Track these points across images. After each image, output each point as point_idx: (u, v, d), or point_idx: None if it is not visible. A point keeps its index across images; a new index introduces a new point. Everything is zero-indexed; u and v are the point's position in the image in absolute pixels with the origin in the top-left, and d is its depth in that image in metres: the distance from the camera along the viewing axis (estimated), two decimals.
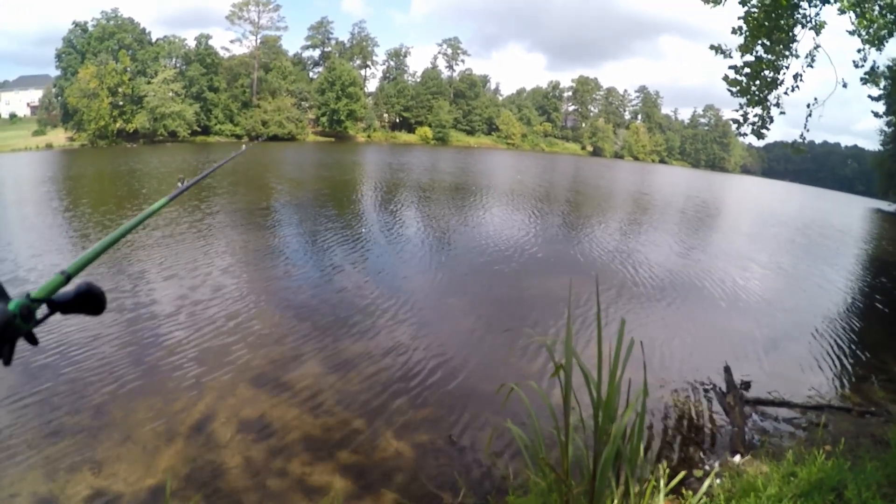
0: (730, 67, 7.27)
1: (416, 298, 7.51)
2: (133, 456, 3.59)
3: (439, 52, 73.26)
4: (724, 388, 5.24)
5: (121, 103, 44.87)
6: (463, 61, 74.46)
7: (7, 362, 0.51)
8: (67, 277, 0.68)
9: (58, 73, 46.40)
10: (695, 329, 7.22)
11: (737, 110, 7.50)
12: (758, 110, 7.37)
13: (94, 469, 3.43)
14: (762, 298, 9.20)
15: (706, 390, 5.27)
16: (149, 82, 46.14)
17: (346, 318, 6.56)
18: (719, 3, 7.21)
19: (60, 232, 10.99)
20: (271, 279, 8.15)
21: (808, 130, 7.19)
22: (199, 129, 48.44)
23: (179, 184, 1.79)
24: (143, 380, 4.76)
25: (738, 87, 7.29)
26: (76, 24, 46.89)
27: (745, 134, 7.66)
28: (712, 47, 7.28)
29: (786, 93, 7.10)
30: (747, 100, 7.32)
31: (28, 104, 55.10)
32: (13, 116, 53.54)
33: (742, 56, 7.11)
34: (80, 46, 45.66)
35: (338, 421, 4.29)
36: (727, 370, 5.47)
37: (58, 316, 0.60)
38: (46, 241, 10.12)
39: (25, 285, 7.11)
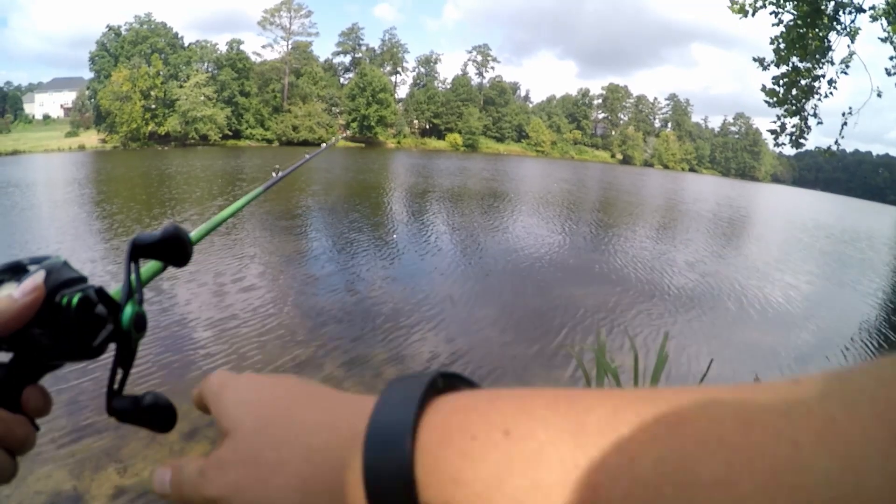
0: (773, 79, 7.38)
1: (442, 305, 7.27)
2: (159, 457, 3.51)
3: (469, 59, 72.56)
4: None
5: (153, 106, 44.70)
6: (493, 68, 73.48)
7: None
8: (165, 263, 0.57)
9: (91, 75, 46.63)
10: (724, 339, 6.98)
11: (774, 121, 7.61)
12: (795, 120, 7.50)
13: (120, 469, 3.36)
14: (794, 309, 8.81)
15: None
16: (181, 86, 45.91)
17: (371, 323, 6.38)
18: (747, 15, 7.13)
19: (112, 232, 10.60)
20: (297, 283, 7.89)
21: (843, 137, 7.27)
22: (230, 133, 48.10)
23: (274, 174, 1.38)
24: (168, 380, 4.57)
25: (776, 98, 7.40)
26: (110, 28, 47.05)
27: (784, 144, 7.78)
28: (755, 59, 7.39)
29: (820, 100, 7.24)
30: (785, 110, 7.45)
31: (61, 106, 55.63)
32: (47, 118, 54.01)
33: (778, 66, 7.24)
34: (114, 50, 45.73)
35: None
36: (757, 381, 4.50)
37: None
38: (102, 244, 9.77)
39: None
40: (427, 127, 66.76)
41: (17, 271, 0.39)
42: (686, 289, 9.21)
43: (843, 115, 6.98)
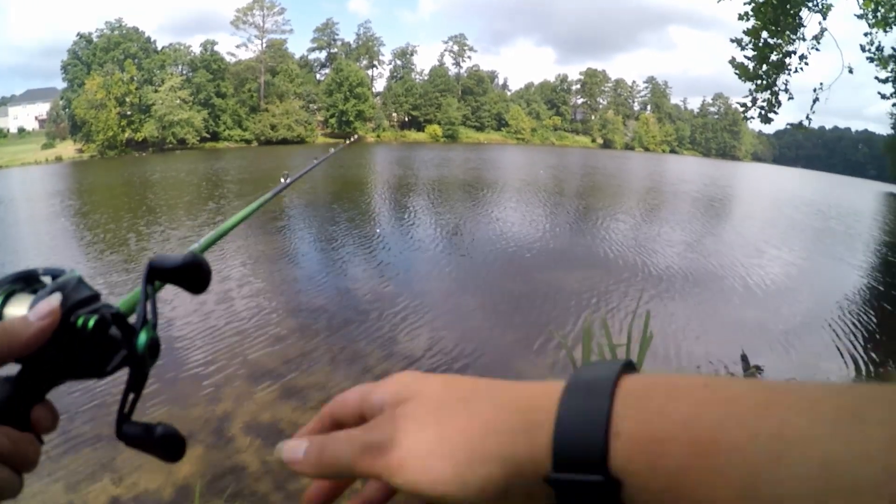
0: (746, 57, 7.41)
1: (429, 295, 7.32)
2: (154, 464, 3.41)
3: (446, 50, 72.54)
4: (740, 377, 4.96)
5: (129, 113, 44.66)
6: (470, 58, 73.56)
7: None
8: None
9: (64, 85, 46.29)
10: (710, 317, 7.06)
11: (745, 95, 7.64)
12: (766, 94, 7.50)
13: (115, 479, 3.37)
14: (778, 285, 8.84)
15: None
16: (156, 91, 45.87)
17: (359, 316, 6.40)
18: None
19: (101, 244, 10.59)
20: (281, 280, 7.94)
21: (813, 113, 7.30)
22: (208, 136, 48.15)
23: (283, 179, 1.50)
24: (160, 386, 4.61)
25: (746, 73, 7.43)
26: (81, 36, 46.75)
27: (753, 118, 7.80)
28: (733, 41, 7.32)
29: (790, 75, 7.28)
30: (756, 84, 7.45)
31: (36, 117, 54.99)
32: (21, 130, 53.53)
33: (750, 41, 7.24)
34: (86, 58, 45.47)
35: None
36: (744, 358, 5.40)
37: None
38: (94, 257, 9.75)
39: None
40: (406, 119, 66.88)
41: (30, 281, 0.39)
42: (663, 266, 9.32)
43: (815, 90, 6.98)
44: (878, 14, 6.90)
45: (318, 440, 0.33)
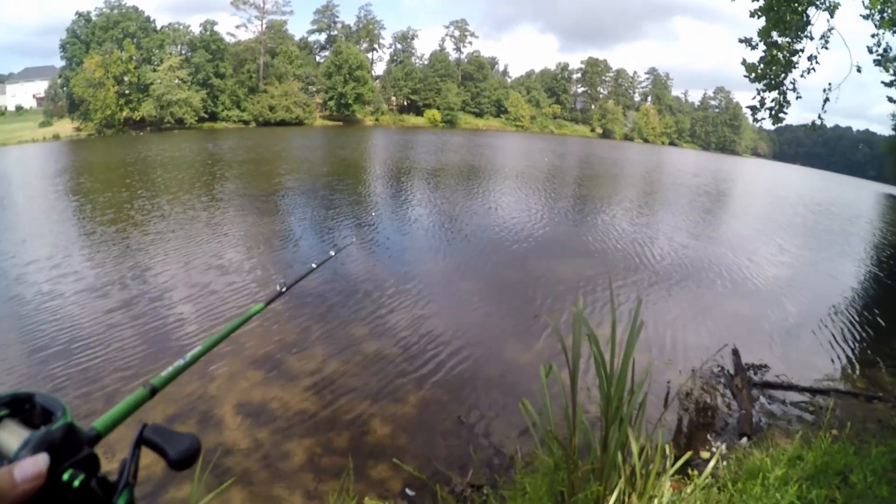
0: (759, 59, 7.27)
1: (425, 281, 7.54)
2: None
3: (447, 35, 72.36)
4: (732, 371, 5.22)
5: (127, 92, 44.69)
6: (471, 43, 73.46)
7: None
8: (153, 391, 0.59)
9: (62, 63, 46.18)
10: (704, 311, 7.18)
11: (754, 97, 7.41)
12: (774, 94, 7.30)
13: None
14: (773, 282, 9.14)
15: (714, 372, 5.24)
16: (154, 70, 45.97)
17: (355, 301, 6.58)
18: None
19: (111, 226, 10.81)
20: (278, 264, 8.17)
21: (825, 112, 7.13)
22: (206, 116, 48.37)
23: (278, 287, 1.54)
24: (152, 366, 4.79)
25: (755, 73, 7.25)
26: (79, 15, 46.58)
27: (763, 119, 7.58)
28: (741, 40, 7.19)
29: (801, 76, 7.05)
30: (764, 85, 7.26)
31: (34, 95, 54.95)
32: (20, 108, 53.62)
33: (761, 41, 7.06)
34: (85, 36, 45.35)
35: (348, 402, 4.37)
36: (735, 353, 5.43)
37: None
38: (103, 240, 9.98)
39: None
40: (405, 104, 66.85)
41: (21, 407, 0.39)
42: (659, 259, 9.48)
43: (824, 90, 6.79)
44: (885, 15, 6.78)
45: None
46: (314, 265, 1.88)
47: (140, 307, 6.27)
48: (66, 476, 0.37)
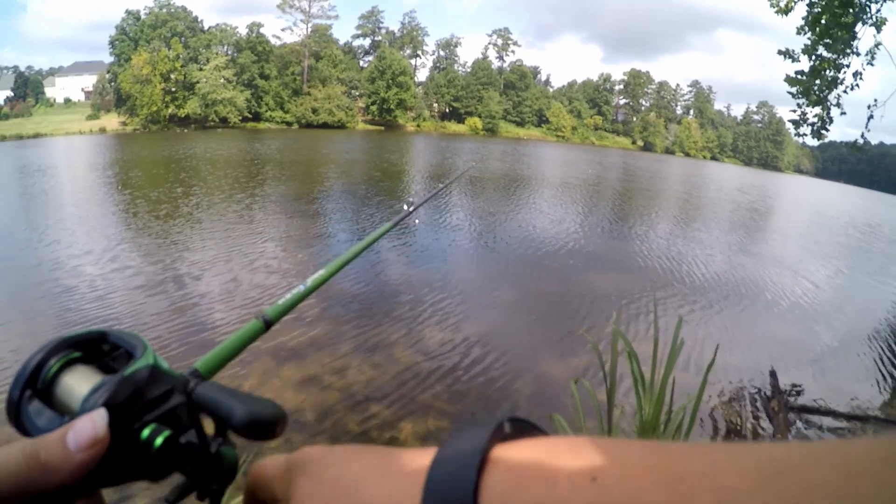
0: (797, 72, 7.28)
1: (461, 288, 7.22)
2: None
3: (490, 43, 71.40)
4: (768, 393, 5.03)
5: (173, 89, 44.44)
6: (513, 52, 72.46)
7: None
8: (267, 324, 0.50)
9: (111, 59, 46.31)
10: (743, 331, 6.79)
11: (794, 110, 7.49)
12: (817, 110, 7.40)
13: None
14: (819, 303, 8.51)
15: (751, 394, 5.03)
16: (201, 69, 45.63)
17: (388, 305, 6.35)
18: (788, 12, 6.91)
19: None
20: (313, 266, 7.66)
21: (868, 131, 7.16)
22: (249, 116, 47.76)
23: (406, 206, 1.10)
24: (188, 360, 3.49)
25: (799, 87, 7.29)
26: (129, 13, 46.62)
27: (805, 135, 7.68)
28: (780, 52, 7.24)
29: (846, 91, 7.09)
30: (808, 100, 7.32)
31: (82, 89, 56.04)
32: (68, 101, 54.32)
33: (808, 57, 7.13)
34: (133, 34, 45.47)
35: (373, 407, 4.18)
36: (773, 374, 5.22)
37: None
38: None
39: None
40: (447, 111, 65.81)
41: (95, 348, 0.33)
42: (700, 276, 8.95)
43: (869, 107, 6.77)
44: None
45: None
46: (440, 185, 1.86)
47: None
48: (146, 433, 0.30)
